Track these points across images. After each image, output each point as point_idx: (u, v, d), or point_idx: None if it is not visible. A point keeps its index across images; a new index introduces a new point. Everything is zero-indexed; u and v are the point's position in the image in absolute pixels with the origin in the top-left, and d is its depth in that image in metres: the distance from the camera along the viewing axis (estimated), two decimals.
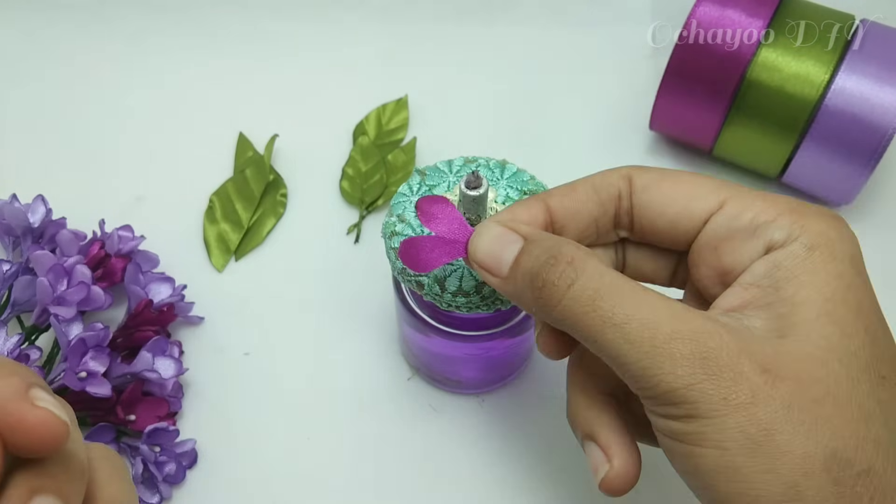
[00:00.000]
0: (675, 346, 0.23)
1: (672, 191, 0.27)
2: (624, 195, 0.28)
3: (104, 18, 0.56)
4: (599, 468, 0.27)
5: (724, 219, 0.26)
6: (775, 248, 0.25)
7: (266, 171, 0.48)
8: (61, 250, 0.41)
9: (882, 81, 0.41)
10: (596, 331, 0.24)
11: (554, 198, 0.28)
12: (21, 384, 0.19)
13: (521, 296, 0.26)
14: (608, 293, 0.24)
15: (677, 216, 0.27)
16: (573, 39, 0.55)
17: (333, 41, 0.55)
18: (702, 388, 0.22)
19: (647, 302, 0.24)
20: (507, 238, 0.27)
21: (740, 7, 0.43)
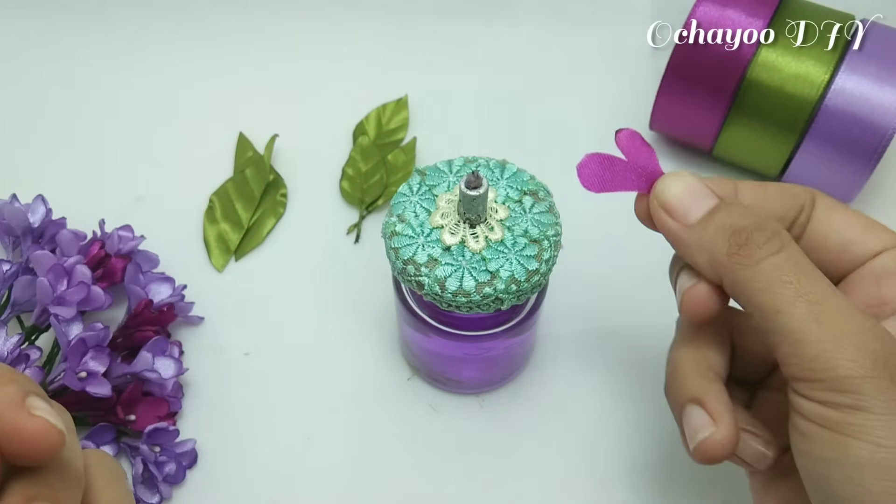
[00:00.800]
0: (863, 338, 0.24)
1: (851, 220, 0.29)
2: (806, 208, 0.29)
3: (104, 18, 0.56)
4: (701, 430, 0.27)
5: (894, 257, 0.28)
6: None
7: (266, 171, 0.48)
8: (61, 250, 0.41)
9: (882, 81, 0.41)
10: (786, 302, 0.24)
11: (747, 187, 0.29)
12: (18, 392, 0.19)
13: (710, 246, 0.26)
14: (809, 270, 0.25)
15: (851, 241, 0.28)
16: (573, 39, 0.55)
17: (333, 41, 0.55)
18: (881, 384, 0.23)
19: (840, 294, 0.25)
20: (702, 191, 0.28)
21: (740, 7, 0.43)
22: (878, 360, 0.23)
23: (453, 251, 0.32)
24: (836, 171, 0.43)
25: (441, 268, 0.31)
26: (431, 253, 0.32)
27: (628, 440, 0.40)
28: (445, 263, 0.31)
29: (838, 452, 0.24)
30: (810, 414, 0.24)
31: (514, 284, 0.31)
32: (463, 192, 0.30)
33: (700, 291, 0.28)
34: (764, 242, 0.25)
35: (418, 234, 0.32)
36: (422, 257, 0.31)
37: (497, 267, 0.31)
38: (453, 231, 0.32)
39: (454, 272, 0.31)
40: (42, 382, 0.38)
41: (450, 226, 0.32)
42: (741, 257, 0.26)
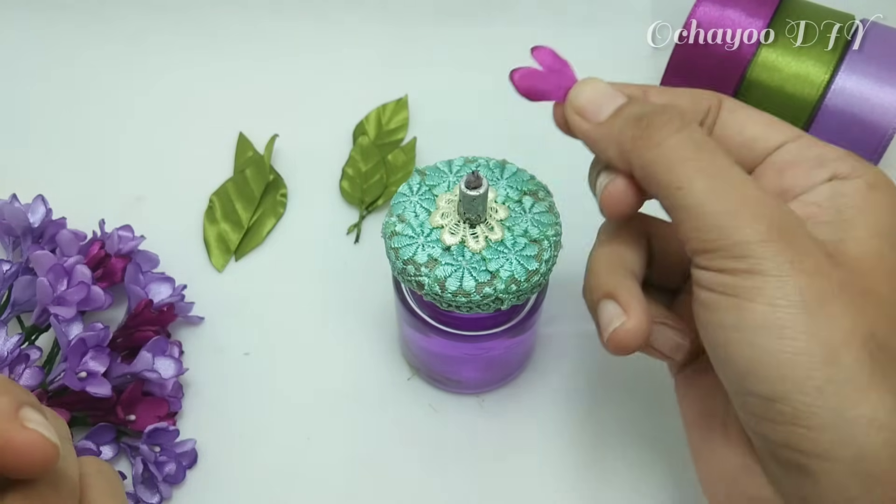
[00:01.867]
0: (760, 207, 0.25)
1: (755, 117, 0.30)
2: (712, 110, 0.30)
3: (104, 18, 0.56)
4: (613, 321, 0.28)
5: (796, 147, 0.28)
6: (839, 179, 0.27)
7: (266, 171, 0.48)
8: (61, 250, 0.41)
9: (882, 81, 0.41)
10: (686, 178, 0.25)
11: (656, 92, 0.30)
12: (11, 404, 0.19)
13: (615, 137, 0.28)
14: (707, 147, 0.26)
15: (754, 138, 0.29)
16: (573, 39, 0.55)
17: (333, 41, 0.55)
18: (775, 248, 0.24)
19: (738, 168, 0.26)
20: (611, 92, 0.29)
21: (740, 7, 0.43)
22: (773, 225, 0.24)
23: (453, 251, 0.32)
24: None
25: (441, 268, 0.31)
26: (431, 253, 0.32)
27: (628, 440, 0.40)
28: (445, 263, 0.31)
29: (736, 316, 0.24)
30: (710, 283, 0.25)
31: (514, 284, 0.31)
32: (463, 192, 0.30)
33: (617, 186, 0.28)
34: (664, 124, 0.27)
35: (418, 234, 0.32)
36: (422, 257, 0.31)
37: (497, 267, 0.31)
38: (453, 231, 0.32)
39: (454, 272, 0.31)
40: (42, 382, 0.38)
41: (450, 226, 0.32)
42: (644, 140, 0.27)
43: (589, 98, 0.29)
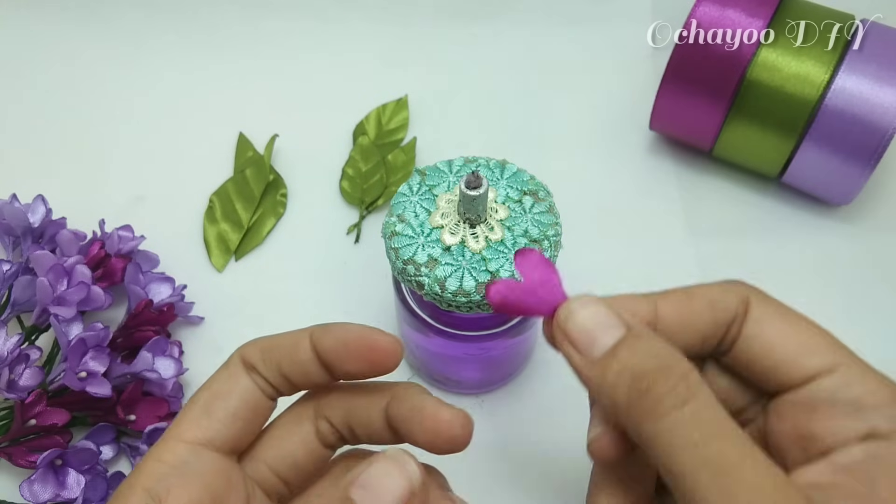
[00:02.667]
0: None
1: (787, 335, 0.25)
2: (738, 319, 0.25)
3: (104, 18, 0.56)
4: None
5: (831, 385, 0.24)
6: (877, 438, 0.23)
7: (266, 171, 0.48)
8: (61, 250, 0.41)
9: (882, 81, 0.41)
10: (691, 467, 0.21)
11: (668, 302, 0.26)
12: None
13: (611, 392, 0.23)
14: (717, 430, 0.22)
15: (784, 363, 0.25)
16: (573, 39, 0.55)
17: (333, 41, 0.55)
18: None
19: (751, 458, 0.21)
20: (609, 321, 0.24)
21: (740, 7, 0.43)
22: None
23: (453, 251, 0.32)
24: (836, 171, 0.43)
25: (441, 268, 0.31)
26: (431, 253, 0.32)
27: None
28: (445, 263, 0.31)
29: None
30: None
31: None
32: (463, 192, 0.30)
33: (608, 439, 0.25)
34: (667, 392, 0.22)
35: (418, 234, 0.32)
36: (422, 257, 0.31)
37: (497, 267, 0.31)
38: (453, 231, 0.32)
39: (454, 272, 0.31)
40: (42, 382, 0.38)
41: (450, 226, 0.32)
42: (642, 409, 0.22)
43: (581, 325, 0.25)
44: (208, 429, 0.26)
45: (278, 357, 0.27)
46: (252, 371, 0.27)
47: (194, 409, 0.26)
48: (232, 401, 0.26)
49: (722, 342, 0.26)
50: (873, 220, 0.47)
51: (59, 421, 0.37)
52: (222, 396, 0.27)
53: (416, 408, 0.26)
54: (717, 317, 0.25)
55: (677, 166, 0.49)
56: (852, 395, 0.23)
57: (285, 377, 0.27)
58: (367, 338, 0.26)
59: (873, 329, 0.43)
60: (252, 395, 0.27)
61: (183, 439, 0.26)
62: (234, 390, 0.27)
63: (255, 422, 0.27)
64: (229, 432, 0.26)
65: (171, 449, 0.26)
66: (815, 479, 0.23)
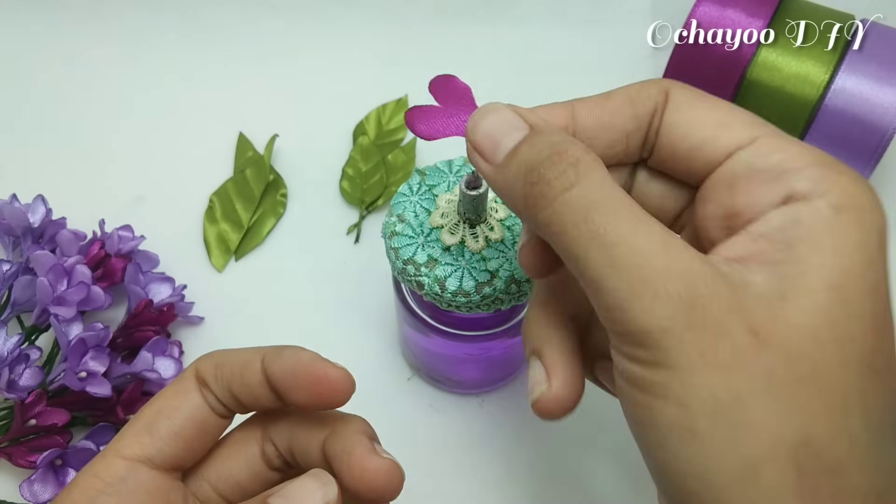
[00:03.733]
0: (662, 282, 0.20)
1: (704, 115, 0.24)
2: (658, 111, 0.24)
3: (104, 18, 0.56)
4: (536, 387, 0.25)
5: (750, 155, 0.23)
6: (797, 200, 0.21)
7: (266, 171, 0.48)
8: (61, 250, 0.41)
9: (882, 81, 0.41)
10: (581, 246, 0.21)
11: (584, 105, 0.25)
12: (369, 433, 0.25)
13: (511, 190, 0.23)
14: (605, 208, 0.21)
15: (702, 143, 0.24)
16: (573, 39, 0.55)
17: (333, 41, 0.55)
18: (680, 336, 0.20)
19: (645, 228, 0.21)
20: (513, 123, 0.24)
21: (740, 7, 0.43)
22: (679, 308, 0.20)
23: (453, 251, 0.32)
24: None
25: (441, 268, 0.31)
26: (431, 253, 0.32)
27: (628, 439, 0.40)
28: (445, 263, 0.31)
29: (647, 415, 0.21)
30: (624, 371, 0.21)
31: (514, 284, 0.31)
32: (463, 192, 0.30)
33: (531, 249, 0.25)
34: (556, 178, 0.22)
35: (418, 234, 0.32)
36: (422, 257, 0.31)
37: (497, 267, 0.31)
38: (453, 231, 0.32)
39: (454, 272, 0.31)
40: (42, 382, 0.38)
41: (450, 226, 0.32)
42: (534, 200, 0.22)
43: (486, 131, 0.24)
44: (149, 446, 0.25)
45: (229, 376, 0.26)
46: (205, 387, 0.26)
47: (137, 424, 0.26)
48: (177, 419, 0.26)
49: (646, 140, 0.25)
50: None
51: (59, 421, 0.37)
52: (168, 413, 0.26)
53: (346, 450, 0.25)
54: (638, 111, 0.24)
55: None
56: (771, 162, 0.22)
57: (236, 398, 0.26)
58: (315, 370, 0.25)
59: None
60: (200, 412, 0.26)
61: (122, 455, 0.25)
62: (181, 408, 0.26)
63: (201, 440, 0.26)
64: (171, 451, 0.25)
65: (108, 465, 0.25)
66: (733, 252, 0.22)
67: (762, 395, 0.19)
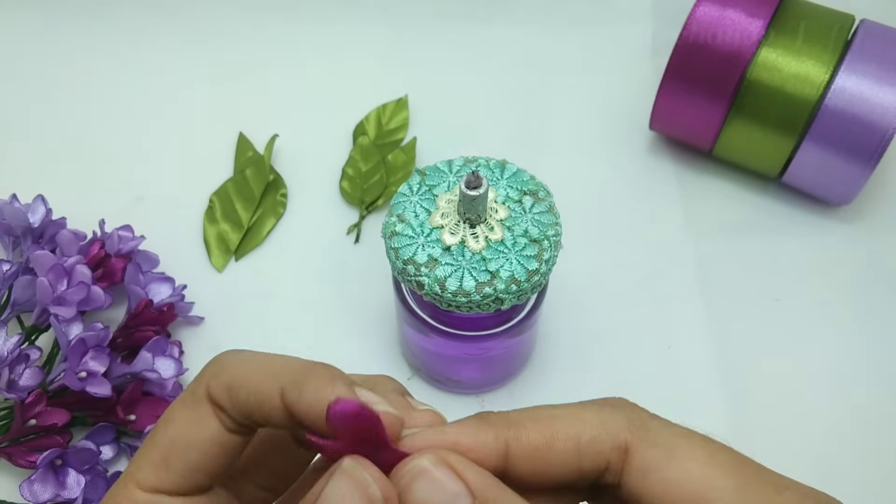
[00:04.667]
0: None
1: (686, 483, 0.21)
2: (613, 469, 0.21)
3: (104, 18, 0.56)
4: None
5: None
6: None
7: (266, 171, 0.48)
8: (61, 250, 0.41)
9: (882, 81, 0.41)
10: None
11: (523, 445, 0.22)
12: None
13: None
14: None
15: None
16: (573, 39, 0.55)
17: (333, 41, 0.55)
18: None
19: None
20: (450, 487, 0.20)
21: (740, 7, 0.43)
22: None
23: (453, 251, 0.32)
24: (836, 171, 0.43)
25: (441, 268, 0.31)
26: (431, 253, 0.32)
27: None
28: (445, 263, 0.31)
29: None
30: None
31: (514, 284, 0.31)
32: (463, 192, 0.30)
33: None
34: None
35: (418, 234, 0.32)
36: (422, 257, 0.31)
37: (497, 267, 0.31)
38: (453, 231, 0.32)
39: (454, 272, 0.31)
40: (42, 382, 0.38)
41: (450, 226, 0.32)
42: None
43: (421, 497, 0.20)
44: (167, 481, 0.23)
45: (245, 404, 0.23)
46: (220, 410, 0.24)
47: (153, 454, 0.24)
48: (192, 455, 0.23)
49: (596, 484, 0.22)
50: (873, 220, 0.47)
51: (59, 421, 0.37)
52: (182, 447, 0.23)
53: None
54: (584, 466, 0.21)
55: (677, 166, 0.49)
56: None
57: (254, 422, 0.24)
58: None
59: (873, 329, 0.43)
60: (217, 441, 0.23)
61: (141, 487, 0.23)
62: (195, 442, 0.23)
63: (223, 463, 0.24)
64: (191, 483, 0.23)
65: (129, 497, 0.23)
66: None
67: None
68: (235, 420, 0.23)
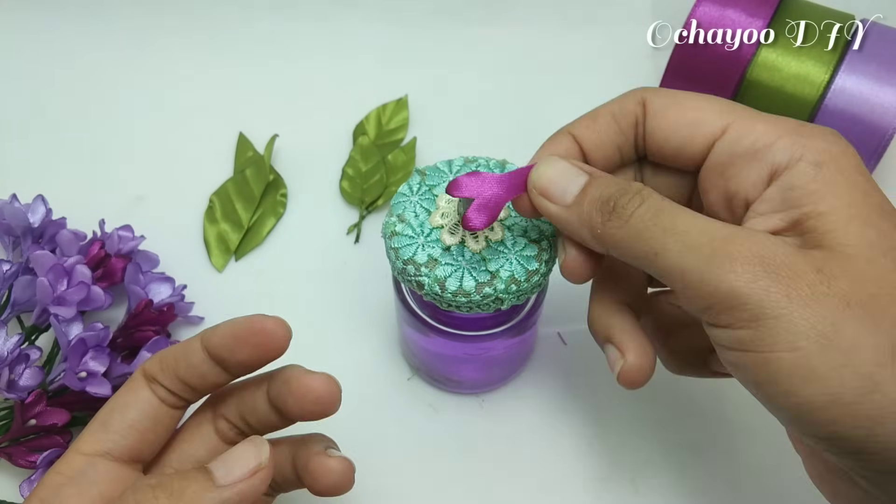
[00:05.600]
0: (733, 247, 0.24)
1: (679, 117, 0.28)
2: (640, 121, 0.29)
3: (104, 18, 0.56)
4: (616, 364, 0.29)
5: (726, 144, 0.27)
6: (781, 171, 0.26)
7: (266, 171, 0.48)
8: (61, 250, 0.41)
9: (882, 81, 0.41)
10: (658, 242, 0.25)
11: (578, 129, 0.30)
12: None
13: (586, 220, 0.27)
14: (671, 210, 0.26)
15: (682, 143, 0.28)
16: (573, 39, 0.55)
17: (333, 41, 0.55)
18: (765, 286, 0.23)
19: (702, 217, 0.25)
20: (573, 171, 0.28)
21: (740, 7, 0.43)
22: (755, 263, 0.23)
23: (453, 251, 0.32)
24: None
25: (441, 268, 0.31)
26: (431, 253, 0.32)
27: (628, 439, 0.40)
28: (445, 263, 0.31)
29: (765, 371, 0.23)
30: (725, 341, 0.24)
31: (514, 284, 0.31)
32: None
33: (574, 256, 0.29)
34: (629, 202, 0.26)
35: (418, 234, 0.32)
36: (422, 257, 0.31)
37: (497, 267, 0.31)
38: (453, 231, 0.32)
39: (454, 272, 0.31)
40: (42, 382, 0.38)
41: (449, 226, 0.32)
42: (613, 222, 0.26)
43: (551, 179, 0.28)
44: (106, 441, 0.27)
45: (174, 364, 0.28)
46: (153, 382, 0.29)
47: (93, 423, 0.28)
48: (129, 413, 0.28)
49: (637, 146, 0.30)
50: None
51: (59, 421, 0.37)
52: (120, 409, 0.28)
53: (285, 379, 0.28)
54: (622, 126, 0.29)
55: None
56: (745, 146, 0.27)
57: (184, 382, 0.28)
58: (252, 323, 0.28)
59: None
60: (150, 405, 0.28)
61: (81, 451, 0.27)
62: (131, 403, 0.28)
63: (155, 431, 0.29)
64: (127, 443, 0.28)
65: (68, 461, 0.27)
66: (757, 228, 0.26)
67: (850, 318, 0.22)
68: (168, 389, 0.28)
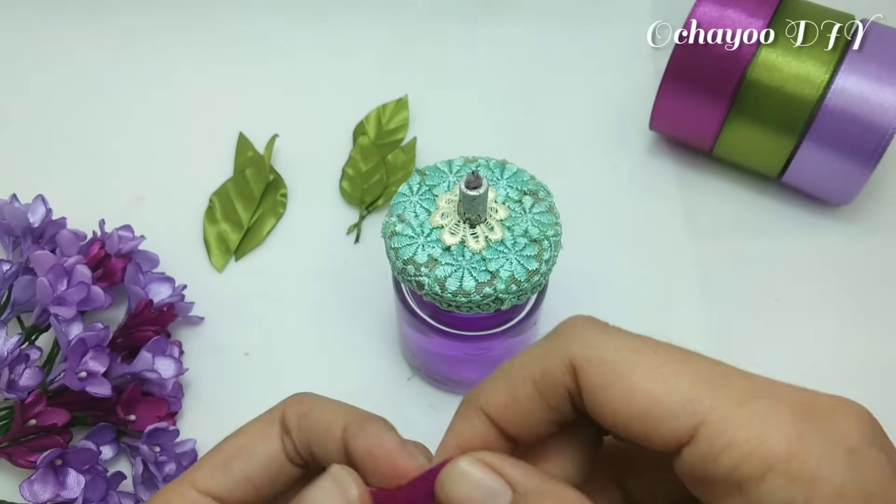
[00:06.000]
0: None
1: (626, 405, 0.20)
2: (574, 394, 0.21)
3: (104, 18, 0.56)
4: None
5: (698, 459, 0.19)
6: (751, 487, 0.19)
7: (266, 171, 0.48)
8: (61, 250, 0.41)
9: (882, 81, 0.41)
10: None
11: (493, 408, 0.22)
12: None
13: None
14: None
15: (640, 437, 0.20)
16: (573, 39, 0.55)
17: (333, 41, 0.55)
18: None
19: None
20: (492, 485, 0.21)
21: (740, 7, 0.43)
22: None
23: (453, 251, 0.32)
24: (836, 171, 0.43)
25: (441, 268, 0.31)
26: (431, 253, 0.32)
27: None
28: (445, 263, 0.31)
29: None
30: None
31: (514, 284, 0.31)
32: (463, 192, 0.30)
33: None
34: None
35: (418, 234, 0.32)
36: (422, 257, 0.31)
37: (497, 267, 0.31)
38: (453, 231, 0.32)
39: (454, 272, 0.31)
40: (42, 382, 0.38)
41: (450, 226, 0.32)
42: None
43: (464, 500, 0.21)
44: (221, 486, 0.25)
45: (310, 433, 0.25)
46: (287, 434, 0.25)
47: (216, 456, 0.25)
48: (252, 464, 0.25)
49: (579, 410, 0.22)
50: (873, 220, 0.47)
51: (59, 421, 0.37)
52: (245, 455, 0.25)
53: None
54: (550, 401, 0.22)
55: (677, 166, 0.49)
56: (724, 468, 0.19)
57: (312, 453, 0.25)
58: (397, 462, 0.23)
59: (874, 329, 0.43)
60: (276, 461, 0.25)
61: (196, 487, 0.25)
62: (257, 453, 0.25)
63: (272, 487, 0.25)
64: (240, 494, 0.25)
65: (182, 494, 0.25)
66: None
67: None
68: (296, 449, 0.25)
